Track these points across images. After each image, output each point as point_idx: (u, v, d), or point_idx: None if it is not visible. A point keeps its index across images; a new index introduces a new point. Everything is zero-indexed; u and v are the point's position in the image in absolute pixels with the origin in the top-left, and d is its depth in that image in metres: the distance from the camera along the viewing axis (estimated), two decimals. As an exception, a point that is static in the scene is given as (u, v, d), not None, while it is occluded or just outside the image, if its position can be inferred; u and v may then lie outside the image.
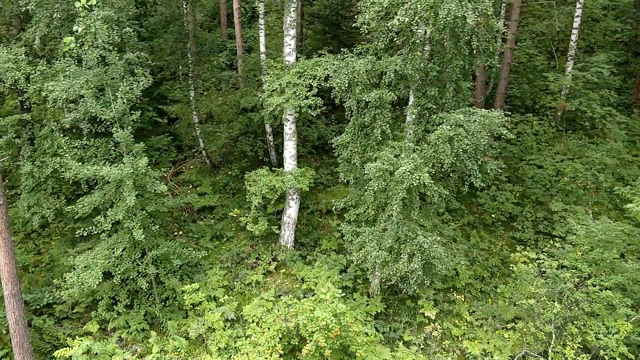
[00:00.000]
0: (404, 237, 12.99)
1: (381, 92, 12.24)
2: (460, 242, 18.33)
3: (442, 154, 11.90)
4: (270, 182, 14.68)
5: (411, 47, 11.76)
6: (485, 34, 11.49)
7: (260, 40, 18.28)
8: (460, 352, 15.04)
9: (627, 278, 12.25)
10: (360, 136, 13.33)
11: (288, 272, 16.43)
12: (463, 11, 10.45)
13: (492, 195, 19.58)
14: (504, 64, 22.37)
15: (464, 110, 11.98)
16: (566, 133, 21.81)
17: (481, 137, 11.66)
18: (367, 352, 14.11)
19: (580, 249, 12.83)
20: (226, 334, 14.25)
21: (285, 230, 16.56)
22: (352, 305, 15.42)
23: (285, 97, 14.16)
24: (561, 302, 12.89)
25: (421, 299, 15.78)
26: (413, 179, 11.68)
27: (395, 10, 11.15)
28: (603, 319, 12.46)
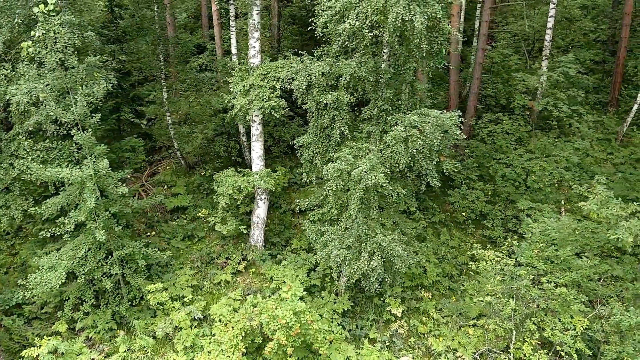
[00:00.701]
0: (364, 236, 13.20)
1: (338, 94, 12.44)
2: (430, 240, 18.59)
3: (398, 154, 12.11)
4: (236, 183, 14.87)
5: (364, 51, 11.95)
6: (436, 37, 11.69)
7: (232, 42, 18.47)
8: (425, 348, 15.27)
9: (581, 275, 12.49)
10: (322, 137, 13.53)
11: (257, 272, 16.63)
12: (411, 15, 10.65)
13: (463, 194, 19.83)
14: (476, 64, 22.60)
15: (418, 111, 12.19)
16: (541, 132, 22.07)
17: (434, 138, 11.86)
18: (332, 349, 14.35)
19: (536, 246, 13.05)
20: (193, 333, 14.43)
21: (254, 230, 16.75)
22: (319, 304, 15.64)
23: (249, 98, 14.34)
24: (519, 299, 13.12)
25: (388, 297, 16.01)
26: (369, 179, 11.89)
27: (348, 14, 11.34)
28: (560, 315, 12.69)
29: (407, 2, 10.71)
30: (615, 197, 12.97)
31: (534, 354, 12.87)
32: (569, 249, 12.58)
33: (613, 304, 12.29)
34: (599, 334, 12.77)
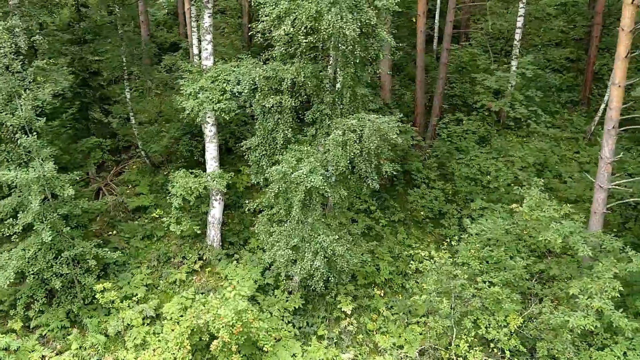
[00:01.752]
0: (307, 237, 13.54)
1: (280, 98, 12.73)
2: (386, 239, 18.96)
3: (337, 157, 12.42)
4: (187, 184, 15.16)
5: (302, 56, 12.23)
6: (372, 43, 11.98)
7: (193, 43, 18.68)
8: (373, 345, 15.66)
9: (513, 275, 12.87)
10: (269, 139, 13.82)
11: (213, 271, 16.95)
12: (342, 22, 10.93)
13: (422, 194, 20.18)
14: (441, 64, 22.93)
15: (357, 116, 12.49)
16: (510, 131, 22.39)
17: (371, 142, 12.16)
18: (279, 346, 14.73)
19: (472, 247, 13.42)
20: (144, 331, 14.77)
21: (210, 230, 17.06)
22: (271, 302, 15.99)
23: (199, 100, 14.61)
24: (460, 297, 13.50)
25: (340, 295, 16.38)
26: (308, 182, 12.21)
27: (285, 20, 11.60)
28: (494, 313, 13.08)
29: (339, 9, 10.98)
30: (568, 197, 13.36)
31: (469, 351, 13.25)
32: (502, 250, 12.94)
33: (544, 303, 12.68)
34: (534, 331, 13.17)
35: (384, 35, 11.78)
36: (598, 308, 11.52)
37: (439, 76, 22.85)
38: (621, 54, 13.80)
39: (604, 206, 14.85)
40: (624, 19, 13.57)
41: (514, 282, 13.01)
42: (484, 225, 13.79)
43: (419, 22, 22.21)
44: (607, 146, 14.58)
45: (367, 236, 19.37)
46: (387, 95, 21.45)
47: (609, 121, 14.39)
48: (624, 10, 13.55)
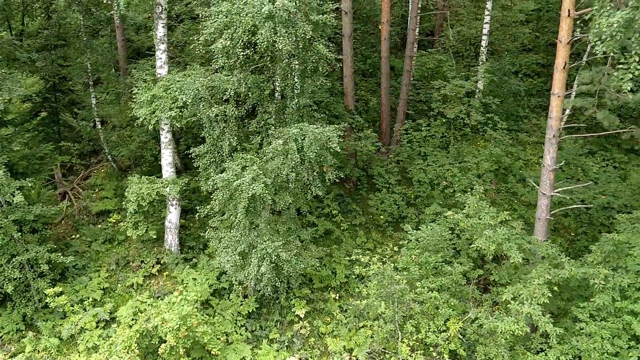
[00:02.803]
0: (254, 243, 13.87)
1: (225, 107, 13.06)
2: (345, 243, 19.33)
3: (280, 165, 12.76)
4: (140, 190, 15.47)
5: (241, 68, 12.57)
6: (311, 56, 12.33)
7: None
8: (324, 348, 16.00)
9: (451, 280, 13.24)
10: (217, 147, 14.16)
11: (170, 275, 17.26)
12: (277, 36, 11.27)
13: (382, 198, 20.54)
14: (404, 71, 23.30)
15: (299, 125, 12.82)
16: (479, 136, 22.74)
17: (311, 151, 12.51)
18: (229, 350, 15.06)
19: (412, 252, 13.79)
20: (96, 334, 15.08)
21: (168, 234, 17.38)
22: (225, 306, 16.32)
23: (151, 108, 14.92)
24: (401, 302, 13.86)
25: (295, 299, 16.72)
26: (250, 190, 12.55)
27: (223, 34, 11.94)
28: (434, 317, 13.44)
29: (274, 24, 11.32)
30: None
31: (411, 355, 13.62)
32: (440, 255, 13.31)
33: (480, 308, 13.05)
34: (475, 335, 13.53)
35: (321, 49, 12.13)
36: (527, 313, 11.89)
37: (403, 82, 23.22)
38: (559, 66, 14.16)
39: (547, 212, 15.23)
40: (561, 31, 13.92)
41: (450, 288, 13.37)
42: (423, 232, 14.14)
43: (383, 31, 22.55)
44: (548, 154, 14.95)
45: (328, 240, 19.81)
46: (350, 102, 21.79)
47: (550, 130, 14.76)
48: (561, 23, 13.90)
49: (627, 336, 12.37)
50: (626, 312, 12.22)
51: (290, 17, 11.36)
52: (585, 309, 12.63)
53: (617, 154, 22.80)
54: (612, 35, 8.65)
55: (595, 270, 12.42)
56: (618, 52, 8.95)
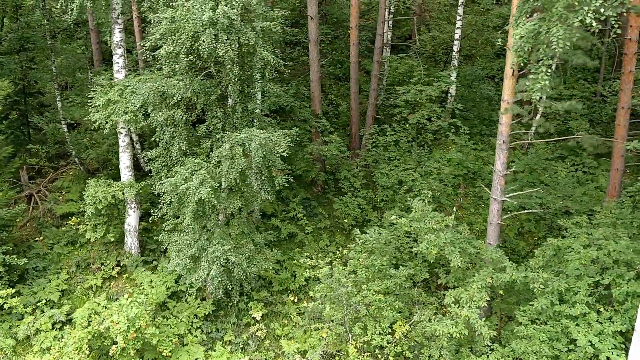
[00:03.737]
0: (204, 246, 14.04)
1: (173, 112, 13.23)
2: (308, 246, 19.51)
3: (227, 170, 12.94)
4: (96, 193, 15.62)
5: (187, 73, 12.75)
6: (255, 62, 12.52)
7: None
8: (279, 350, 16.16)
9: (395, 283, 13.44)
10: (169, 151, 14.32)
11: (129, 277, 17.40)
12: (218, 42, 11.45)
13: (346, 202, 20.74)
14: (372, 76, 23.53)
15: (247, 130, 13.01)
16: (445, 140, 22.99)
17: (257, 156, 12.69)
18: (182, 352, 15.21)
19: (360, 255, 13.99)
20: (51, 335, 15.21)
21: (127, 237, 17.52)
22: (182, 308, 16.47)
23: (106, 112, 15.08)
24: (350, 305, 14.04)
25: (253, 301, 16.88)
26: (196, 194, 12.72)
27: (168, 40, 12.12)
28: (380, 320, 13.63)
29: (215, 31, 11.50)
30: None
31: (358, 357, 13.80)
32: (385, 259, 13.51)
33: (423, 311, 13.24)
34: (421, 338, 13.72)
35: (265, 55, 12.32)
36: (464, 316, 12.09)
37: (371, 87, 23.45)
38: (508, 73, 14.38)
39: (498, 217, 15.45)
40: (510, 39, 14.15)
41: (395, 291, 13.57)
42: (369, 236, 14.35)
43: (352, 36, 22.77)
44: (499, 160, 15.18)
45: (291, 243, 19.99)
46: (318, 106, 21.99)
47: (500, 136, 14.98)
48: (510, 31, 14.14)
49: (567, 339, 12.57)
50: (564, 316, 12.43)
51: (232, 24, 11.55)
52: (526, 313, 12.84)
53: (587, 158, 23.08)
54: (521, 46, 8.88)
55: (535, 275, 12.63)
56: (531, 63, 9.18)
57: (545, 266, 13.28)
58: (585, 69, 30.86)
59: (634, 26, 16.26)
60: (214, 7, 11.42)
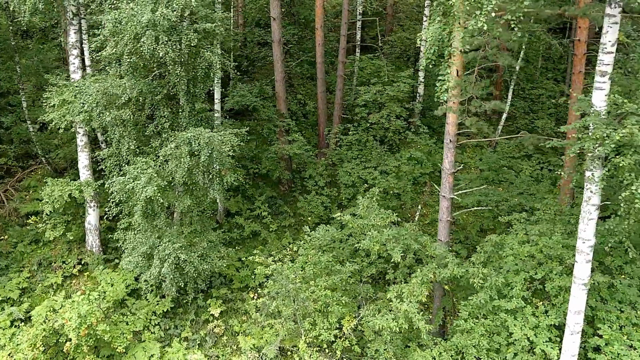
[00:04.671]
0: (155, 244, 14.28)
1: (121, 112, 13.46)
2: (271, 244, 19.78)
3: (174, 169, 13.19)
4: (53, 192, 15.83)
5: (133, 74, 12.99)
6: (200, 63, 12.76)
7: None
8: (235, 346, 16.43)
9: (341, 279, 13.73)
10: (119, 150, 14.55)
11: (90, 275, 17.62)
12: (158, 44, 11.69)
13: (310, 200, 21.03)
14: (337, 76, 23.81)
15: (193, 129, 13.25)
16: (413, 138, 23.28)
17: (203, 155, 12.94)
18: (138, 348, 15.45)
19: (308, 252, 14.27)
20: (9, 333, 15.40)
21: (88, 235, 17.73)
22: (141, 305, 16.70)
23: (61, 112, 15.28)
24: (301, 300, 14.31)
25: (212, 299, 17.14)
26: (143, 192, 12.96)
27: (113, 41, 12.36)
28: (328, 315, 13.91)
29: (157, 34, 11.73)
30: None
31: (306, 351, 14.08)
32: (331, 255, 13.80)
33: (368, 306, 13.54)
34: (369, 332, 14.01)
35: (208, 56, 12.56)
36: (404, 311, 12.38)
37: (337, 87, 23.72)
38: (453, 73, 14.67)
39: (448, 214, 15.73)
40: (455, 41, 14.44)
41: (341, 286, 13.85)
42: (317, 233, 14.64)
43: (317, 36, 23.03)
44: (447, 159, 15.45)
45: (255, 240, 20.25)
46: (282, 105, 22.24)
47: (447, 135, 15.25)
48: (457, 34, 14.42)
49: (507, 333, 12.88)
50: (503, 310, 12.74)
51: (173, 25, 11.79)
52: (467, 307, 13.15)
53: (553, 157, 23.44)
54: (428, 48, 9.16)
55: (474, 270, 12.94)
56: (441, 65, 9.46)
57: (487, 262, 13.59)
58: (556, 69, 31.34)
59: (582, 27, 16.58)
60: (154, 10, 11.66)
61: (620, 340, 11.55)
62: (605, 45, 10.12)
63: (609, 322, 12.05)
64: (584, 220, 10.88)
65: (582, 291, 11.27)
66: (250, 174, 22.69)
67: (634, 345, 11.52)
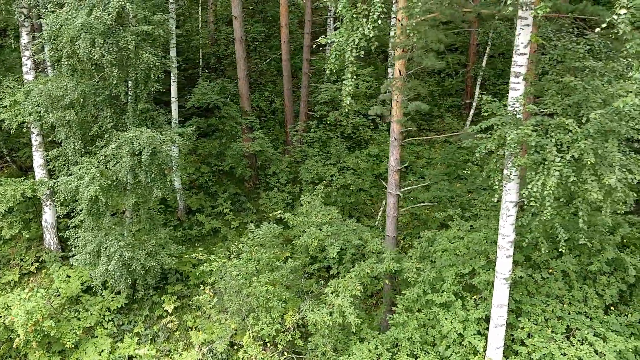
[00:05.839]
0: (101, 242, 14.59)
1: (65, 113, 13.73)
2: (230, 240, 20.09)
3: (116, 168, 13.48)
4: (5, 191, 16.11)
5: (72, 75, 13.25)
6: (139, 64, 13.03)
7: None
8: (187, 341, 16.76)
9: (282, 275, 14.05)
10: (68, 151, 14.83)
11: (47, 273, 17.92)
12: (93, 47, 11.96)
13: (271, 197, 21.32)
14: (303, 74, 24.04)
15: (134, 129, 13.52)
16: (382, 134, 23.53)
17: (144, 154, 13.22)
18: (89, 343, 15.78)
19: (252, 249, 14.60)
20: (-38, 330, 15.74)
21: (46, 234, 18.03)
22: (95, 302, 17.02)
23: (13, 112, 15.55)
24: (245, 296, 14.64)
25: (167, 295, 17.46)
26: (86, 192, 13.26)
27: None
28: (271, 310, 14.23)
29: (92, 37, 12.00)
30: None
31: (250, 346, 14.42)
32: (272, 251, 14.13)
33: (307, 301, 13.86)
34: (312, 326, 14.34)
35: (146, 57, 12.83)
36: (338, 305, 12.70)
37: (302, 85, 23.97)
38: (396, 73, 14.94)
39: (395, 210, 16.01)
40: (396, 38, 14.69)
41: (282, 282, 14.18)
42: (260, 230, 14.97)
43: (282, 34, 23.25)
44: (392, 156, 15.72)
45: (215, 237, 20.56)
46: (246, 103, 22.50)
47: (392, 133, 15.54)
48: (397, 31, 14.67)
49: (440, 326, 13.20)
50: (435, 304, 13.07)
51: (109, 28, 12.05)
52: (402, 301, 13.48)
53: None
54: (334, 54, 9.47)
55: (409, 265, 13.27)
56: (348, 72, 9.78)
57: (423, 257, 13.91)
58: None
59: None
60: (89, 13, 11.92)
61: (541, 332, 11.88)
62: (518, 47, 10.40)
63: (534, 315, 12.38)
64: (503, 217, 11.20)
65: (504, 285, 11.60)
66: (215, 171, 23.00)
67: (555, 338, 11.85)
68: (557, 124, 9.06)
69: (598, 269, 12.68)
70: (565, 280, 12.90)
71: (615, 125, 8.79)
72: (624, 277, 12.89)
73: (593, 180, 8.64)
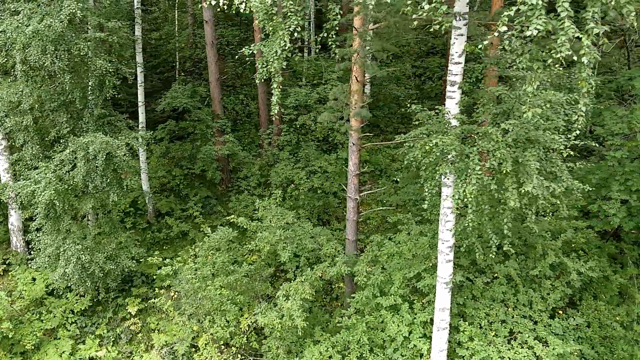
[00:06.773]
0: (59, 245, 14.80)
1: (21, 119, 13.93)
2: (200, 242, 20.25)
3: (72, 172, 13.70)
4: (-31, 194, 16.32)
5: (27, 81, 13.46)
6: (94, 70, 13.24)
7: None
8: (150, 343, 16.96)
9: (235, 279, 14.26)
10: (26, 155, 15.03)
11: (14, 276, 18.11)
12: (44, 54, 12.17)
13: (241, 200, 21.53)
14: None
15: (90, 135, 13.73)
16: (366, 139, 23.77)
17: (99, 159, 13.43)
18: (50, 345, 15.98)
19: (206, 252, 14.82)
20: None
21: (12, 236, 18.22)
22: (60, 304, 17.21)
23: (-26, 118, 15.74)
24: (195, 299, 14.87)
25: (130, 297, 17.66)
26: (43, 196, 13.46)
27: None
28: (226, 314, 14.44)
29: (44, 44, 12.20)
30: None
31: (206, 348, 14.63)
32: (227, 255, 14.36)
33: (262, 305, 14.07)
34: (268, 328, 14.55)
35: (99, 64, 13.03)
36: (287, 308, 12.91)
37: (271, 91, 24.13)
38: (354, 79, 15.15)
39: (354, 214, 16.24)
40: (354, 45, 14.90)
41: (237, 285, 14.38)
42: (216, 234, 15.19)
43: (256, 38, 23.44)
44: (351, 161, 15.96)
45: (184, 240, 20.76)
46: (217, 106, 22.70)
47: (350, 138, 15.77)
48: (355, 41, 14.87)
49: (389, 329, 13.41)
50: (384, 307, 13.28)
51: (61, 35, 12.25)
52: (353, 303, 13.69)
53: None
54: (261, 64, 9.70)
55: (359, 268, 13.48)
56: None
57: (375, 260, 14.11)
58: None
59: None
60: (40, 20, 12.12)
61: (482, 336, 12.10)
62: (453, 56, 10.63)
63: (478, 318, 12.59)
64: (442, 222, 11.41)
65: (445, 289, 11.80)
66: (187, 174, 23.20)
67: (495, 341, 12.07)
68: (483, 133, 9.28)
69: (542, 273, 12.90)
70: (511, 284, 13.12)
71: (539, 134, 9.00)
72: (569, 281, 13.11)
73: (514, 188, 8.86)
